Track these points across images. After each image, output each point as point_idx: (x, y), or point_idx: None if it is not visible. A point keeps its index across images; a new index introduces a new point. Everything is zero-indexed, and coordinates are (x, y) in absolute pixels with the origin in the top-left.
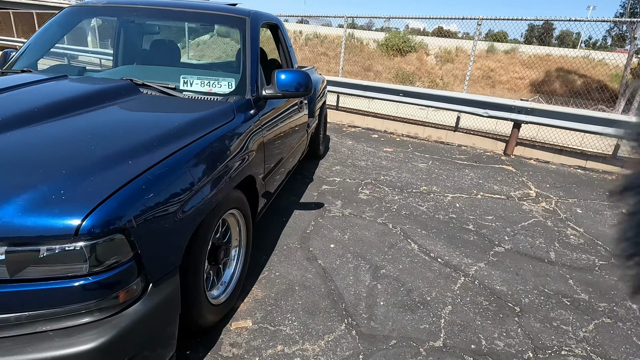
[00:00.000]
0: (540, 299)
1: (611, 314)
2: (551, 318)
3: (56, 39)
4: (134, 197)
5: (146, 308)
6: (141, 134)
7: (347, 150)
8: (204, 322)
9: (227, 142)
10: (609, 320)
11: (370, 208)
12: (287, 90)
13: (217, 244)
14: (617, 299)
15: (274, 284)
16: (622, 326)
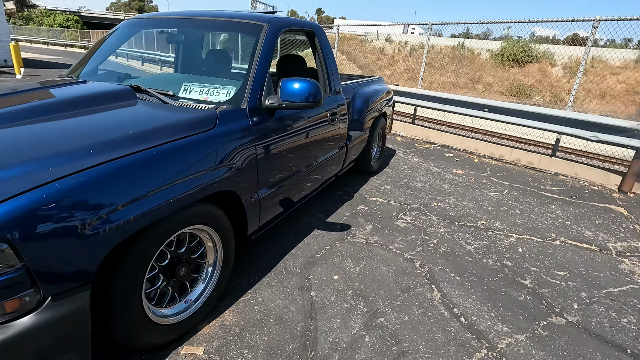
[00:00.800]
0: None
1: None
2: None
3: (115, 47)
4: (31, 204)
5: (39, 322)
6: (91, 138)
7: (408, 168)
8: (142, 343)
9: (193, 152)
10: None
11: (402, 238)
12: (292, 100)
13: (182, 257)
14: None
15: (250, 311)
16: None
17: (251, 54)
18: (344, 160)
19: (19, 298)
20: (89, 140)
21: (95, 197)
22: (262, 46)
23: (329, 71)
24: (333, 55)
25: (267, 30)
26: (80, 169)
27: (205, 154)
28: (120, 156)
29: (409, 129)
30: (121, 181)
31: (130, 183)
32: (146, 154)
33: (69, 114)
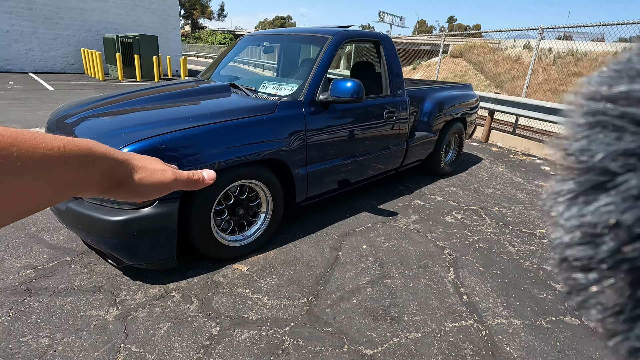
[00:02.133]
0: None
1: None
2: None
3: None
4: (157, 144)
5: (152, 212)
6: (206, 112)
7: (486, 175)
8: (210, 253)
9: (256, 127)
10: None
11: (443, 230)
12: (338, 96)
13: (240, 202)
14: None
15: (287, 254)
16: None
17: (314, 59)
18: (403, 157)
19: None
20: (195, 113)
21: (189, 145)
22: (323, 54)
23: (391, 76)
24: (397, 61)
25: (330, 41)
26: (182, 128)
27: (263, 130)
28: (211, 122)
29: (507, 140)
30: (207, 138)
31: (211, 140)
32: (227, 124)
33: (192, 99)
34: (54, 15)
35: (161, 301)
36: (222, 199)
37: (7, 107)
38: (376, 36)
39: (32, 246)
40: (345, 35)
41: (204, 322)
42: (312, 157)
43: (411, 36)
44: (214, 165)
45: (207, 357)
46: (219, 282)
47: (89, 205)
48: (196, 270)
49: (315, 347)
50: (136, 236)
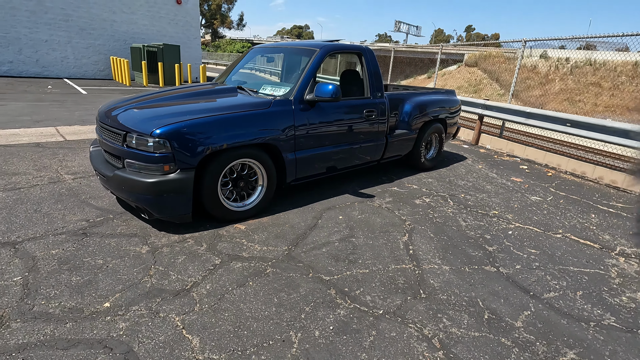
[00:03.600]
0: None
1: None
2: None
3: (243, 64)
4: (180, 128)
5: (176, 177)
6: (217, 107)
7: (464, 171)
8: (216, 214)
9: (254, 118)
10: None
11: (410, 209)
12: (321, 96)
13: (242, 177)
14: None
15: (277, 219)
16: None
17: (304, 67)
18: (384, 151)
19: (169, 165)
20: (208, 107)
21: (203, 130)
22: (311, 63)
23: (371, 81)
24: (377, 69)
25: (318, 53)
26: (198, 117)
27: (260, 120)
28: (219, 114)
29: (495, 142)
30: (216, 125)
31: (220, 127)
32: (232, 115)
33: (206, 97)
34: (87, 27)
35: (179, 244)
36: (227, 173)
37: (49, 108)
38: (358, 48)
39: (84, 207)
40: (331, 48)
41: (210, 256)
42: (300, 145)
43: (411, 45)
44: (222, 146)
45: (210, 275)
46: (222, 234)
47: (131, 171)
48: (206, 227)
49: (289, 274)
50: (163, 194)
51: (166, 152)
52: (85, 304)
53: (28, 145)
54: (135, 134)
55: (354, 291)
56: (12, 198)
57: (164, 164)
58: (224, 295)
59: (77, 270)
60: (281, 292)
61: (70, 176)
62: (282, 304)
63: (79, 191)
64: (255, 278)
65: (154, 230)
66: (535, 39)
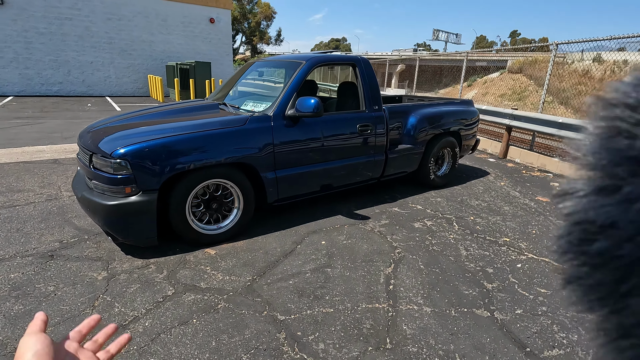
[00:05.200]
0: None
1: None
2: None
3: (241, 80)
4: (141, 148)
5: (137, 200)
6: (188, 125)
7: (482, 189)
8: (186, 237)
9: (228, 136)
10: None
11: (405, 234)
12: (302, 111)
13: (215, 198)
14: None
15: (253, 244)
16: None
17: (286, 82)
18: (383, 168)
19: (130, 187)
20: (179, 125)
21: (167, 150)
22: (294, 76)
23: (366, 93)
24: (374, 80)
25: (303, 66)
26: (161, 137)
27: (232, 139)
28: (188, 133)
29: (525, 156)
30: (182, 145)
31: (186, 146)
32: (201, 134)
33: (185, 115)
34: (128, 48)
35: (139, 270)
36: (200, 194)
37: (82, 124)
38: (352, 59)
39: (64, 227)
40: (318, 60)
41: (165, 286)
42: (282, 163)
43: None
44: (188, 166)
45: (155, 309)
46: (188, 260)
47: (96, 193)
48: (175, 251)
49: (241, 310)
50: (125, 217)
51: (127, 174)
52: (13, 339)
53: (47, 161)
54: (100, 154)
55: (307, 336)
56: (4, 216)
57: (125, 185)
58: (160, 334)
59: (24, 298)
60: (224, 333)
61: (68, 193)
62: (219, 350)
63: (68, 209)
64: (202, 315)
65: (120, 254)
66: (569, 41)
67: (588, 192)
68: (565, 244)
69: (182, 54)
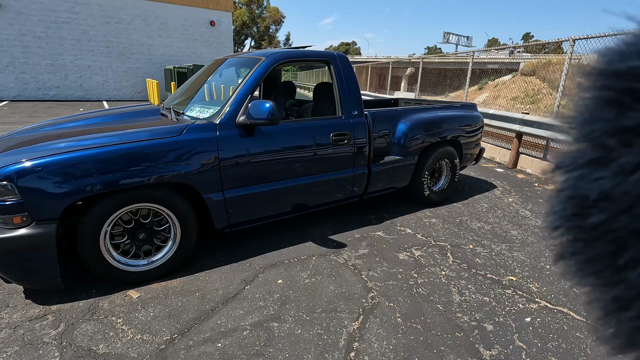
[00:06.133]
0: None
1: None
2: None
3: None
4: (32, 168)
5: (26, 233)
6: (107, 137)
7: (486, 206)
8: (99, 275)
9: (155, 150)
10: None
11: (385, 269)
12: (255, 118)
13: (144, 226)
14: None
15: (193, 283)
16: None
17: (240, 82)
18: (366, 184)
19: (20, 216)
20: (95, 137)
21: (65, 171)
22: (250, 76)
23: (344, 97)
24: (353, 81)
25: (261, 63)
26: (61, 153)
27: (161, 153)
28: (99, 147)
29: (538, 166)
30: (88, 163)
31: (94, 165)
32: (116, 149)
33: (115, 123)
34: (126, 52)
35: (31, 323)
36: (123, 221)
37: None
38: (325, 55)
39: None
40: (281, 56)
41: (51, 350)
42: (231, 182)
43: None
44: (97, 189)
45: None
46: (100, 307)
47: None
48: (90, 293)
49: None
50: (14, 255)
51: (14, 200)
52: None
53: None
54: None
55: None
56: None
57: (13, 215)
58: None
59: None
60: None
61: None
62: None
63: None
64: None
65: (19, 297)
66: (587, 36)
67: (580, 165)
68: (558, 219)
69: (182, 57)
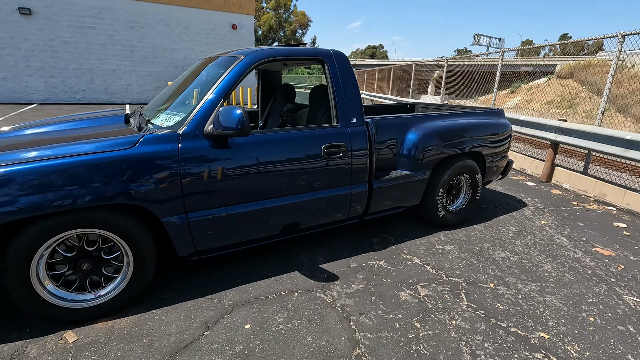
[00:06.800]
0: None
1: None
2: None
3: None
4: None
5: None
6: (51, 149)
7: (513, 230)
8: (32, 312)
9: (99, 165)
10: None
11: (381, 314)
12: (222, 127)
13: (89, 254)
14: None
15: (143, 324)
16: None
17: (211, 86)
18: (367, 203)
19: None
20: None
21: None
22: (223, 78)
23: (339, 102)
24: (351, 83)
25: (238, 63)
26: None
27: (111, 169)
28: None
29: (576, 180)
30: (17, 181)
31: (23, 184)
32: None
33: (73, 131)
34: (150, 56)
35: None
36: (64, 249)
37: None
38: (318, 54)
39: None
40: (262, 55)
41: None
42: (197, 203)
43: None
44: (21, 212)
45: None
46: (26, 355)
47: None
48: (23, 333)
49: None
50: None
51: None
52: None
53: None
54: None
55: None
56: None
57: None
58: None
59: None
60: None
61: None
62: None
63: None
64: None
65: None
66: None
67: None
68: None
69: None
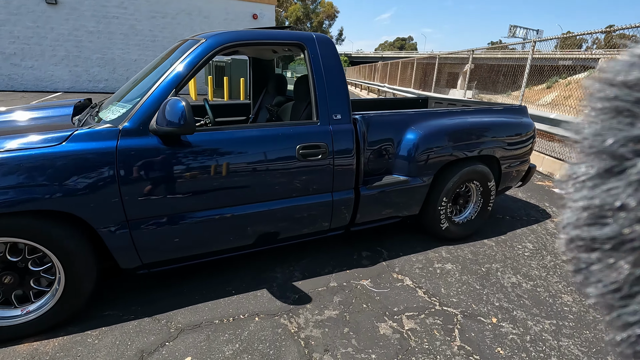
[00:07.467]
0: None
1: None
2: None
3: None
4: None
5: None
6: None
7: (531, 247)
8: None
9: (17, 165)
10: None
11: (352, 351)
12: (167, 122)
13: (16, 266)
14: None
15: (70, 349)
16: None
17: (161, 74)
18: (353, 212)
19: None
20: None
21: None
22: (177, 64)
23: (319, 95)
24: (336, 73)
25: (197, 47)
26: None
27: (31, 170)
28: None
29: None
30: None
31: None
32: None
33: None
34: (170, 45)
35: None
36: None
37: None
38: (297, 37)
39: None
40: (226, 38)
41: None
42: (141, 210)
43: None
44: None
45: None
46: None
47: None
48: None
49: None
50: None
51: None
52: None
53: None
54: None
55: None
56: None
57: None
58: None
59: None
60: None
61: None
62: None
63: None
64: None
65: None
66: None
67: (593, 176)
68: (573, 230)
69: None
